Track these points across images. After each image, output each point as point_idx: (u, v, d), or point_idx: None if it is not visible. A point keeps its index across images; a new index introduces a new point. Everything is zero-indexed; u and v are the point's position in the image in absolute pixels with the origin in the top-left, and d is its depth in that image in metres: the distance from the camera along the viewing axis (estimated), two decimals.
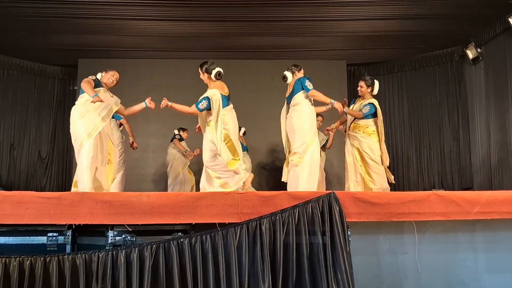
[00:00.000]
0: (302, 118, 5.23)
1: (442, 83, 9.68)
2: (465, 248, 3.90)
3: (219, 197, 3.59)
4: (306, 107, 5.26)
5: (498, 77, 8.04)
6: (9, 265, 3.02)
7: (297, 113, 5.26)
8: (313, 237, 3.34)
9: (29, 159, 9.79)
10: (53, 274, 3.06)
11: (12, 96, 9.67)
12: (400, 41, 9.07)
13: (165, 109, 5.18)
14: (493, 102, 8.28)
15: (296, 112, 5.27)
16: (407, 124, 10.13)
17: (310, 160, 5.16)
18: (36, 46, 9.17)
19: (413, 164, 9.93)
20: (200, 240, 3.24)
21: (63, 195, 3.56)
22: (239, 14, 7.81)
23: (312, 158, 5.18)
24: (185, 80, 9.57)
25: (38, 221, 3.40)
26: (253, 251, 3.25)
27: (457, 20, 8.07)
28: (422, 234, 3.80)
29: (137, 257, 3.14)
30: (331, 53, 9.69)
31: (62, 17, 7.73)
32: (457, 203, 3.73)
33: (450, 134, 9.50)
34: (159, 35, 8.68)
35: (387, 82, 10.48)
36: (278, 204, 3.50)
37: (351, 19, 8.00)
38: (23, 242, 3.43)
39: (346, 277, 3.20)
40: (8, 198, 3.44)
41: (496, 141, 8.16)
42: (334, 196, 3.42)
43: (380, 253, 3.80)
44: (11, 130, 9.61)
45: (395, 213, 3.64)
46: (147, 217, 3.43)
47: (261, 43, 8.96)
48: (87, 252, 3.15)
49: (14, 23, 7.97)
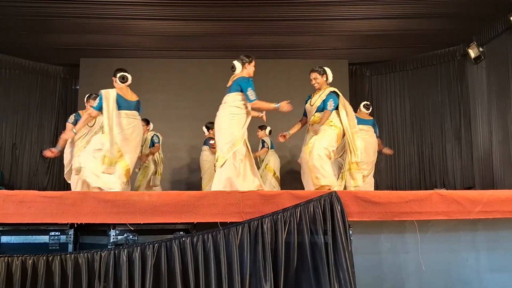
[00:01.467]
0: (226, 117, 4.96)
1: (444, 82, 9.68)
2: (467, 247, 3.89)
3: (221, 196, 3.59)
4: (235, 109, 4.96)
5: (500, 76, 8.03)
6: (11, 264, 3.02)
7: (223, 112, 5.00)
8: (315, 236, 3.34)
9: (31, 158, 9.82)
10: (55, 273, 3.07)
11: (14, 95, 9.70)
12: (402, 40, 9.05)
13: (165, 108, 5.19)
14: (495, 101, 8.26)
15: (223, 111, 5.01)
16: (408, 123, 10.13)
17: (233, 162, 4.87)
18: (38, 46, 9.18)
19: (415, 163, 9.92)
20: (202, 239, 3.24)
21: (65, 194, 3.57)
22: (241, 13, 7.81)
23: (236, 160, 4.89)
24: (186, 80, 9.59)
25: (40, 220, 3.40)
26: (255, 250, 3.26)
27: (459, 19, 8.05)
28: (424, 233, 3.79)
29: (139, 256, 3.15)
30: (332, 52, 9.68)
31: (64, 16, 7.74)
32: (459, 202, 3.73)
33: (452, 133, 9.50)
34: (161, 34, 8.69)
35: (389, 81, 10.49)
36: (280, 203, 3.50)
37: (353, 18, 8.00)
38: (25, 241, 3.44)
39: (348, 276, 3.20)
40: (11, 197, 3.45)
41: (498, 140, 8.14)
42: (336, 196, 3.42)
43: (382, 252, 3.80)
44: (13, 130, 9.64)
45: (396, 213, 3.65)
46: (149, 216, 3.44)
47: (263, 42, 8.97)
48: (89, 251, 3.15)
49: (16, 22, 7.98)
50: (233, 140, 4.86)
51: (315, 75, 5.44)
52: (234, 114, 4.94)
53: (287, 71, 9.67)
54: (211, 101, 9.54)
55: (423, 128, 9.91)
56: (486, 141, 8.59)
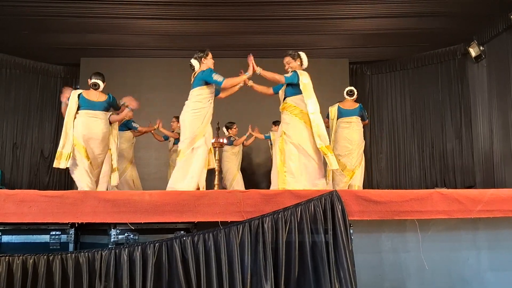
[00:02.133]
0: (188, 113, 4.96)
1: (445, 81, 9.68)
2: (468, 246, 3.89)
3: (222, 195, 3.59)
4: (197, 104, 4.95)
5: (501, 75, 8.02)
6: (12, 263, 3.02)
7: (186, 108, 5.01)
8: (316, 236, 3.34)
9: (32, 158, 9.83)
10: (56, 272, 3.07)
11: (15, 95, 9.71)
12: (403, 39, 9.05)
13: (166, 107, 5.21)
14: (495, 100, 8.26)
15: (187, 107, 5.01)
16: (409, 122, 10.13)
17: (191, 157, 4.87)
18: (39, 45, 9.19)
19: (416, 162, 9.92)
20: (203, 239, 3.24)
21: (66, 193, 3.57)
22: (241, 12, 7.81)
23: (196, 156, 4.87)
24: (187, 79, 9.57)
25: (41, 220, 3.41)
26: (256, 250, 3.25)
27: (460, 18, 8.05)
28: (424, 232, 3.79)
29: (140, 256, 3.14)
30: (333, 51, 9.68)
31: (65, 16, 7.75)
32: (459, 201, 3.72)
33: (452, 132, 9.50)
34: (162, 33, 8.70)
35: (389, 80, 10.50)
36: (281, 203, 3.50)
37: (353, 17, 7.99)
38: (26, 241, 3.44)
39: (348, 275, 3.20)
40: (11, 196, 3.45)
41: (499, 139, 8.14)
42: (337, 195, 3.41)
43: (383, 251, 3.79)
44: (14, 129, 9.65)
45: (397, 211, 3.64)
46: (150, 216, 3.44)
47: (263, 41, 8.96)
48: (90, 251, 3.15)
49: (17, 22, 7.99)
50: (192, 136, 4.88)
51: (288, 59, 5.26)
52: (196, 109, 4.95)
53: None
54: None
55: (424, 127, 9.91)
56: (486, 140, 8.58)
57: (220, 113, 6.10)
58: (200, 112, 4.94)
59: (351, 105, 6.52)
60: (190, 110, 4.96)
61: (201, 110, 4.95)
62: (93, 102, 5.27)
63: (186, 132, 4.94)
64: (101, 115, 5.27)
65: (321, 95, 10.28)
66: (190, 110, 4.96)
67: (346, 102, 6.55)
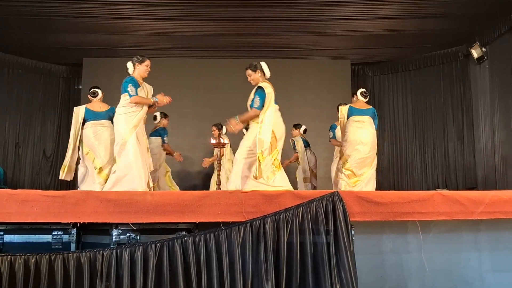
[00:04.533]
0: (117, 118, 4.97)
1: (447, 82, 9.67)
2: (469, 248, 3.89)
3: (223, 196, 3.60)
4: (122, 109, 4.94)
5: (503, 76, 8.01)
6: (14, 263, 3.03)
7: (116, 114, 5.00)
8: (317, 236, 3.34)
9: (34, 157, 9.84)
10: (58, 272, 3.08)
11: (17, 95, 9.72)
12: (405, 40, 9.04)
13: (167, 107, 5.17)
14: (497, 101, 8.24)
15: (116, 113, 5.02)
16: (411, 124, 10.12)
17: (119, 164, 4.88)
18: (41, 45, 9.20)
19: (417, 164, 9.91)
20: (204, 239, 3.25)
21: (68, 193, 3.58)
22: (243, 13, 7.81)
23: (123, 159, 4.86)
24: (188, 79, 9.60)
25: (43, 220, 3.42)
26: (257, 250, 3.26)
27: (462, 19, 8.04)
28: (426, 233, 3.79)
29: (141, 256, 3.15)
30: (335, 52, 9.68)
31: (67, 16, 7.76)
32: (461, 202, 3.72)
33: (454, 133, 9.48)
34: (164, 34, 8.70)
35: (391, 81, 10.49)
36: (282, 203, 3.51)
37: (355, 18, 7.99)
38: (28, 240, 3.45)
39: (349, 277, 3.20)
40: (13, 196, 3.47)
41: (501, 141, 8.13)
42: (338, 196, 3.42)
43: (384, 253, 3.80)
44: (16, 129, 9.66)
45: (399, 213, 3.64)
46: (151, 216, 3.45)
47: (265, 42, 8.97)
48: (92, 251, 3.16)
49: (19, 22, 8.00)
50: (121, 141, 4.89)
51: (249, 72, 5.08)
52: (121, 114, 4.96)
53: (289, 71, 9.65)
54: (212, 100, 9.67)
55: (426, 128, 9.90)
56: (488, 141, 8.57)
57: None
58: (125, 116, 4.94)
59: (364, 106, 6.26)
60: (117, 116, 5.01)
61: (127, 114, 4.94)
62: (98, 112, 5.56)
63: (117, 137, 4.99)
64: (107, 124, 5.49)
65: (323, 96, 10.32)
66: (117, 116, 5.01)
67: (359, 102, 6.28)
